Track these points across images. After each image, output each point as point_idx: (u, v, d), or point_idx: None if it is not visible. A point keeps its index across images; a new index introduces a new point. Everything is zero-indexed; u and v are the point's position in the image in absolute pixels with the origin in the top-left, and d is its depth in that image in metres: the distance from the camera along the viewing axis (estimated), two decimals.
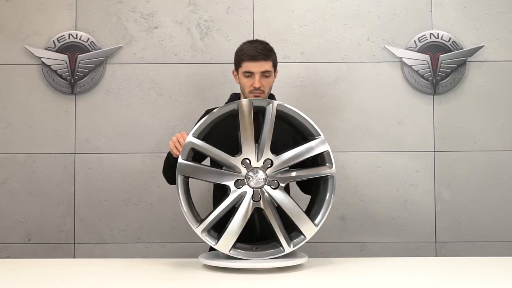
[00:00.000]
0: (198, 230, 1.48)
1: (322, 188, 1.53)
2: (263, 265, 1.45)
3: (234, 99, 1.75)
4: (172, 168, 1.55)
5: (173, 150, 1.55)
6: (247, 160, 1.48)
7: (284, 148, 1.53)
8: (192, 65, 2.29)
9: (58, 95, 2.28)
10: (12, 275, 1.43)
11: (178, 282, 1.36)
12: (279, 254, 1.47)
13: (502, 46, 2.28)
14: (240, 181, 1.48)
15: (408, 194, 2.26)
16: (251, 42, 1.70)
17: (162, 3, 2.30)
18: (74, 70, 2.27)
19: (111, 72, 2.29)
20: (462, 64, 2.27)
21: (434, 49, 2.27)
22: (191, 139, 1.50)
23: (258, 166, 1.48)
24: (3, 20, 2.29)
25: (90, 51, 2.28)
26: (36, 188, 2.27)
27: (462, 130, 2.27)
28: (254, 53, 1.64)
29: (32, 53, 2.27)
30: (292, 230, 1.51)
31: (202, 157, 1.61)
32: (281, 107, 1.52)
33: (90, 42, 2.28)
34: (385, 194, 2.27)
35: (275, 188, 1.48)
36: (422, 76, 2.27)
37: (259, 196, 1.47)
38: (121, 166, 2.27)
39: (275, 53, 1.73)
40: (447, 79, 2.27)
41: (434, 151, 2.27)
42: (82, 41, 2.28)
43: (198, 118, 1.81)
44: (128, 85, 2.29)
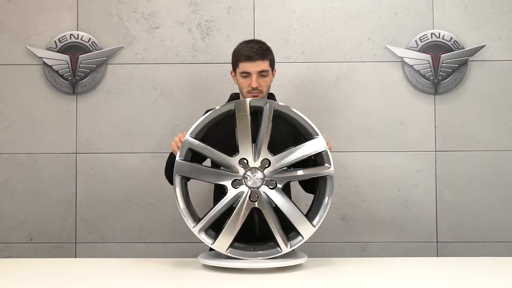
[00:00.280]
0: (195, 229, 1.48)
1: (321, 188, 1.53)
2: (262, 265, 1.45)
3: (234, 99, 1.74)
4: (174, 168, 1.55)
5: (175, 150, 1.56)
6: (245, 160, 1.48)
7: (285, 148, 1.53)
8: (193, 65, 2.29)
9: (60, 95, 2.29)
10: (13, 275, 1.43)
11: (177, 282, 1.36)
12: (277, 254, 1.47)
13: (504, 46, 2.27)
14: (237, 181, 1.48)
15: (409, 194, 2.26)
16: (247, 42, 1.70)
17: (163, 3, 2.30)
18: (75, 70, 2.28)
19: (112, 72, 2.29)
20: (463, 63, 2.26)
21: (435, 48, 2.26)
22: (188, 139, 1.50)
23: (256, 166, 1.48)
24: (5, 20, 2.30)
25: (91, 51, 2.28)
26: (37, 188, 2.28)
27: (463, 130, 2.27)
28: (250, 53, 1.64)
29: (33, 53, 2.28)
30: (291, 230, 1.51)
31: (202, 157, 1.61)
32: (278, 107, 1.51)
33: (92, 42, 2.29)
34: (386, 194, 2.26)
35: (273, 188, 1.48)
36: (423, 75, 2.26)
37: (257, 196, 1.47)
38: (122, 166, 2.27)
39: (272, 52, 1.72)
40: (449, 79, 2.27)
41: (435, 151, 2.27)
42: (84, 41, 2.28)
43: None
44: (129, 85, 2.29)
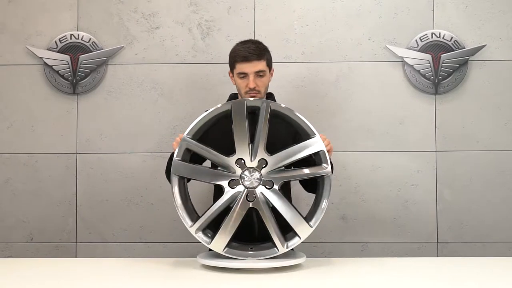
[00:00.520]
0: (192, 229, 1.48)
1: (319, 187, 1.53)
2: (261, 265, 1.45)
3: (233, 99, 1.74)
4: None
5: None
6: (242, 160, 1.48)
7: (284, 148, 1.52)
8: (193, 65, 2.29)
9: (60, 95, 2.29)
10: (14, 274, 1.44)
11: (176, 281, 1.36)
12: (273, 255, 1.47)
13: (504, 45, 2.27)
14: (234, 181, 1.48)
15: (409, 194, 2.26)
16: (244, 43, 1.69)
17: (163, 3, 2.30)
18: (75, 71, 2.28)
19: (113, 72, 2.30)
20: (464, 63, 2.26)
21: (435, 48, 2.26)
22: (185, 139, 1.50)
23: (253, 166, 1.48)
24: (6, 20, 2.31)
25: (91, 52, 2.28)
26: (38, 188, 2.28)
27: (463, 130, 2.26)
28: (247, 53, 1.64)
29: (34, 53, 2.29)
30: (289, 230, 1.51)
31: (203, 158, 1.61)
32: (275, 107, 1.51)
33: (92, 43, 2.29)
34: (386, 194, 2.26)
35: (270, 188, 1.48)
36: (424, 75, 2.26)
37: (254, 196, 1.47)
38: (122, 166, 2.28)
39: (269, 51, 1.71)
40: (449, 79, 2.26)
41: (436, 151, 2.26)
42: (84, 41, 2.29)
43: None
44: (129, 85, 2.30)
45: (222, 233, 1.46)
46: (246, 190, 1.47)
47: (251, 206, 1.47)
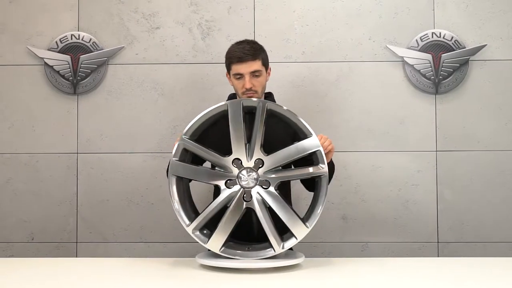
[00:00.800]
0: (189, 228, 1.49)
1: (317, 187, 1.52)
2: (260, 265, 1.44)
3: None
4: None
5: None
6: (238, 160, 1.48)
7: (281, 148, 1.52)
8: (193, 65, 2.29)
9: (61, 96, 2.30)
10: (15, 274, 1.44)
11: (176, 281, 1.36)
12: (270, 255, 1.46)
13: (505, 45, 2.26)
14: (231, 181, 1.48)
15: (409, 194, 2.25)
16: (238, 44, 1.69)
17: (163, 4, 2.31)
18: (76, 71, 2.29)
19: (113, 72, 2.30)
20: (464, 63, 2.26)
21: (436, 48, 2.26)
22: (182, 139, 1.50)
23: (249, 166, 1.47)
24: (6, 21, 2.31)
25: (92, 52, 2.29)
26: (39, 187, 2.29)
27: (464, 130, 2.26)
28: (241, 54, 1.63)
29: (35, 53, 2.29)
30: (287, 230, 1.51)
31: (202, 159, 1.61)
32: (271, 107, 1.50)
33: (92, 43, 2.29)
34: (386, 194, 2.26)
35: (266, 188, 1.48)
36: (424, 75, 2.26)
37: (250, 196, 1.47)
38: (123, 166, 2.28)
39: (265, 51, 1.71)
40: (449, 79, 2.26)
41: (436, 151, 2.26)
42: (84, 41, 2.29)
43: None
44: (130, 85, 2.30)
45: (219, 232, 1.46)
46: (243, 190, 1.47)
47: (247, 206, 1.47)
